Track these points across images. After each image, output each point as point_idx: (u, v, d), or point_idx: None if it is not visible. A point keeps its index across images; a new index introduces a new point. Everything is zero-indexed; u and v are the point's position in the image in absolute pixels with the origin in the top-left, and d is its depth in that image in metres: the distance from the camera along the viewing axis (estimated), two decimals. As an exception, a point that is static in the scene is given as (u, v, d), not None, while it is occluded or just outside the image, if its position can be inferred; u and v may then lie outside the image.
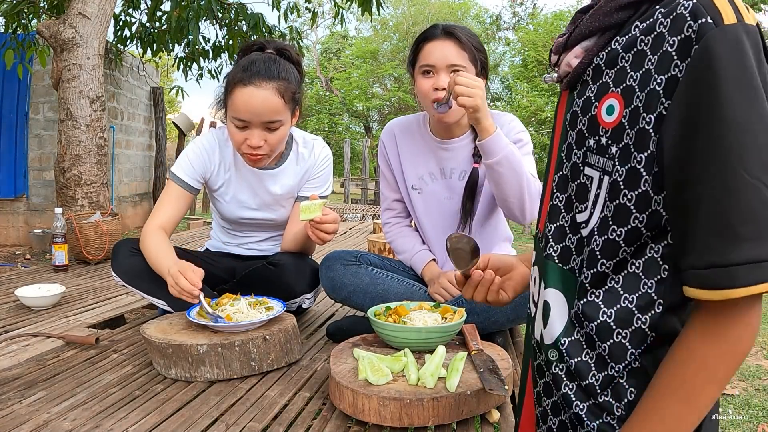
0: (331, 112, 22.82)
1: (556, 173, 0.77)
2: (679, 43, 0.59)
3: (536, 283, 0.80)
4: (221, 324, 1.41)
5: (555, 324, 0.74)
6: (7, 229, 5.30)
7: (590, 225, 0.70)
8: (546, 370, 0.76)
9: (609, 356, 0.68)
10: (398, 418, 1.11)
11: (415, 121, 1.81)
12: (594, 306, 0.69)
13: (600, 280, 0.68)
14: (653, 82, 0.61)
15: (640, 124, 0.62)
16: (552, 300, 0.75)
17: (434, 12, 21.50)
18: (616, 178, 0.65)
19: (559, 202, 0.76)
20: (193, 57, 5.69)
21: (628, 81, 0.64)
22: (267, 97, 1.59)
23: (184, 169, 1.77)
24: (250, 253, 1.99)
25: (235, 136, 1.66)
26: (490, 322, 1.60)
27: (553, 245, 0.76)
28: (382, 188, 1.92)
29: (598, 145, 0.68)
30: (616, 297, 0.67)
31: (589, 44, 0.72)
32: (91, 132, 3.71)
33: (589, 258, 0.69)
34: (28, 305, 2.04)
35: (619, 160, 0.64)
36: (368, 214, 7.37)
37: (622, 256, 0.66)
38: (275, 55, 1.69)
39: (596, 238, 0.68)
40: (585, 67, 0.72)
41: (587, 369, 0.70)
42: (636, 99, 0.63)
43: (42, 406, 1.21)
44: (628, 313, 0.66)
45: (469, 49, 1.57)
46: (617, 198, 0.65)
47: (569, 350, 0.72)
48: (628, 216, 0.64)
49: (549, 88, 16.53)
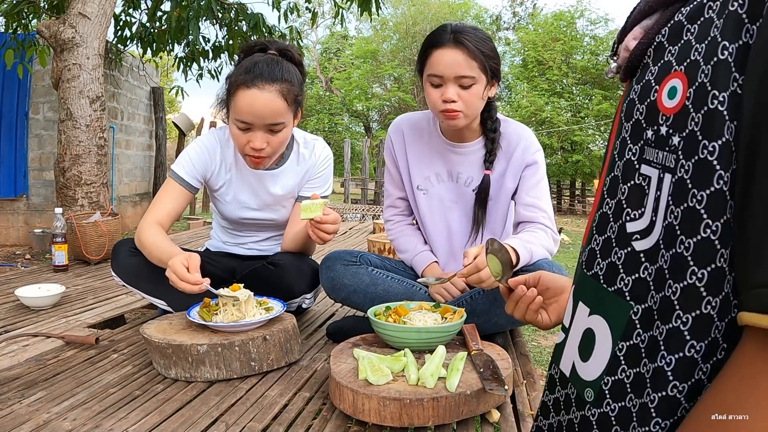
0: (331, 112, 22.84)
1: (608, 175, 0.63)
2: (749, 1, 0.46)
3: (571, 307, 0.67)
4: (221, 324, 1.42)
5: (599, 358, 0.59)
6: (7, 229, 5.30)
7: (649, 236, 0.55)
8: (575, 409, 0.63)
9: (655, 411, 0.52)
10: (398, 418, 1.11)
11: (425, 119, 1.78)
12: (654, 343, 0.52)
13: (667, 310, 0.51)
14: (722, 51, 0.48)
15: (710, 104, 0.48)
16: (597, 328, 0.61)
17: (434, 12, 21.51)
18: (681, 175, 0.51)
19: (608, 210, 0.62)
20: (193, 57, 5.69)
21: (692, 56, 0.51)
22: (270, 100, 1.58)
23: (185, 168, 1.77)
24: (251, 253, 1.99)
25: (238, 138, 1.65)
26: (491, 323, 1.60)
27: (600, 261, 0.62)
28: (386, 185, 1.91)
29: (656, 136, 0.54)
30: (680, 341, 0.50)
31: (649, 23, 0.60)
32: (91, 132, 3.72)
33: (656, 279, 0.53)
34: (28, 305, 2.04)
35: (683, 153, 0.51)
36: (368, 214, 7.37)
37: (691, 280, 0.49)
38: (277, 56, 1.69)
39: (663, 253, 0.52)
40: (645, 48, 0.59)
41: (629, 418, 0.55)
42: (701, 75, 0.50)
43: (42, 406, 1.21)
44: (691, 364, 0.48)
45: (478, 58, 1.50)
46: (685, 201, 0.50)
47: (612, 391, 0.57)
48: (698, 223, 0.49)
49: (549, 88, 16.55)
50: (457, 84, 1.52)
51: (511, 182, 1.70)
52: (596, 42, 16.88)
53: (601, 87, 16.02)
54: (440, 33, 1.54)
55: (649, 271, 0.54)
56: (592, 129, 15.39)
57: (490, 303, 1.58)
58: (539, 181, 1.69)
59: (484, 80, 1.54)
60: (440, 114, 1.58)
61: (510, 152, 1.69)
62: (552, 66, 16.57)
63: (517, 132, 1.70)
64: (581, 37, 17.38)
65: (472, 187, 1.72)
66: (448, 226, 1.76)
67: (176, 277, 1.41)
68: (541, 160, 1.71)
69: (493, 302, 1.58)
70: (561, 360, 0.67)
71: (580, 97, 16.43)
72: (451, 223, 1.76)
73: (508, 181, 1.70)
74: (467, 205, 1.74)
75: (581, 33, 17.55)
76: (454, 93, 1.52)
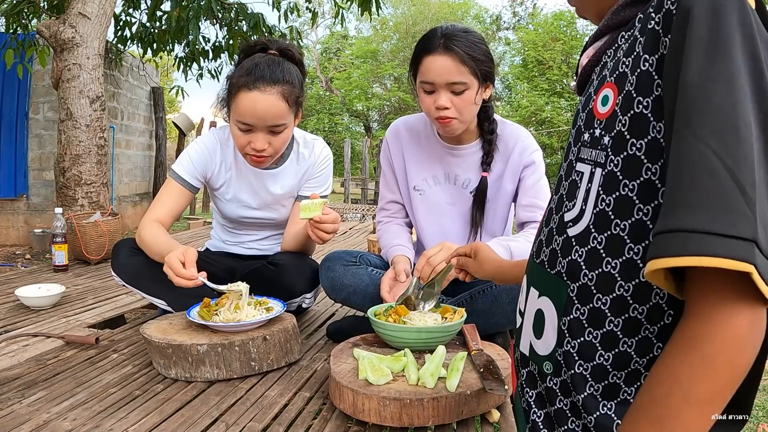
0: (331, 112, 22.83)
1: (557, 175, 0.74)
2: (663, 20, 0.56)
3: (524, 293, 0.77)
4: (221, 324, 1.41)
5: (549, 333, 0.69)
6: (7, 229, 5.30)
7: (579, 223, 0.65)
8: (540, 382, 0.72)
9: (611, 365, 0.63)
10: (398, 418, 1.11)
11: (422, 122, 1.78)
12: (599, 313, 0.63)
13: (606, 283, 0.62)
14: (644, 63, 0.58)
15: (635, 108, 0.58)
16: (545, 308, 0.70)
17: (434, 12, 21.50)
18: (611, 168, 0.60)
19: (553, 204, 0.73)
20: (193, 57, 5.68)
21: (620, 68, 0.61)
22: (272, 102, 1.59)
23: (186, 168, 1.78)
24: (251, 252, 1.99)
25: (239, 139, 1.66)
26: (491, 323, 1.60)
27: (545, 249, 0.72)
28: (381, 187, 1.92)
29: (591, 138, 0.64)
30: (624, 305, 0.61)
31: (599, 44, 0.71)
32: (91, 132, 3.71)
33: (588, 257, 0.64)
34: (28, 305, 2.04)
35: (612, 150, 0.60)
36: (368, 214, 7.37)
37: (629, 255, 0.60)
38: (278, 57, 1.69)
39: (596, 236, 0.63)
40: (593, 65, 0.70)
41: (583, 382, 0.65)
42: (627, 84, 0.59)
43: (42, 406, 1.21)
44: (636, 322, 0.61)
45: (468, 63, 1.49)
46: (617, 190, 0.60)
47: (566, 361, 0.67)
48: (631, 208, 0.59)
49: (549, 88, 16.56)
50: (449, 90, 1.51)
51: (510, 184, 1.70)
52: (596, 42, 16.87)
53: (601, 87, 16.01)
54: (430, 39, 1.53)
55: (579, 253, 0.65)
56: (592, 129, 15.39)
57: (490, 303, 1.58)
58: (537, 181, 1.69)
59: (476, 84, 1.53)
60: (435, 121, 1.58)
61: (507, 154, 1.69)
62: (552, 66, 16.57)
63: (514, 133, 1.70)
64: (581, 36, 17.36)
65: (470, 189, 1.72)
66: (443, 229, 1.76)
67: (172, 272, 1.42)
68: (539, 160, 1.71)
69: (493, 302, 1.58)
70: (520, 342, 0.76)
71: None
72: (446, 226, 1.76)
73: (507, 182, 1.70)
74: (465, 207, 1.74)
75: (581, 33, 17.53)
76: (447, 100, 1.52)
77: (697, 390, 0.48)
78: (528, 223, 1.68)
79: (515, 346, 0.79)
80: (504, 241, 1.59)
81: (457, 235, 1.76)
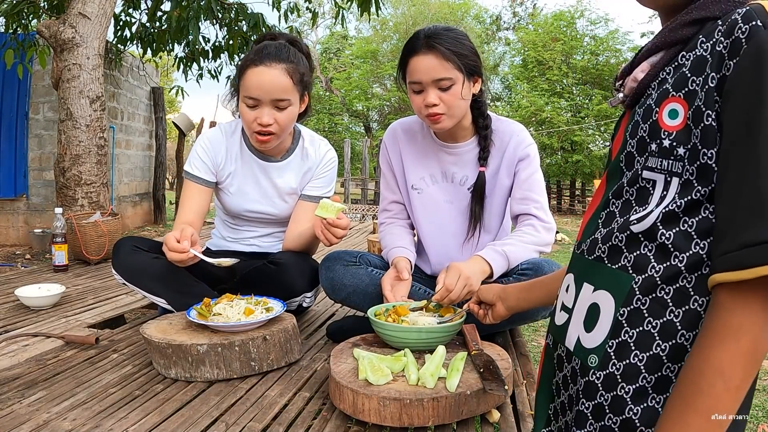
0: (331, 112, 22.84)
1: (613, 182, 0.77)
2: (731, 45, 0.62)
3: (573, 290, 0.80)
4: (221, 324, 1.42)
5: (603, 325, 0.72)
6: (7, 229, 5.30)
7: (646, 220, 0.69)
8: (580, 377, 0.74)
9: (667, 357, 0.66)
10: (398, 418, 1.11)
11: (418, 122, 1.80)
12: (661, 303, 0.67)
13: (671, 277, 0.67)
14: (711, 80, 0.64)
15: (705, 122, 0.64)
16: (601, 301, 0.73)
17: (434, 12, 21.50)
18: (687, 177, 0.66)
19: (615, 209, 0.76)
20: (193, 57, 5.68)
21: (690, 85, 0.67)
22: (276, 75, 1.67)
23: (197, 165, 1.84)
24: (251, 249, 2.00)
25: (246, 115, 1.72)
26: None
27: (601, 246, 0.75)
28: (382, 188, 1.93)
29: (660, 148, 0.69)
30: (686, 297, 0.66)
31: (655, 59, 0.75)
32: (91, 132, 3.72)
33: (657, 253, 0.68)
34: (28, 305, 2.04)
35: (688, 160, 0.66)
36: (368, 214, 7.37)
37: (695, 249, 0.65)
38: (286, 44, 1.76)
39: (664, 233, 0.67)
40: (650, 81, 0.74)
41: (636, 373, 0.68)
42: (697, 99, 0.65)
43: (42, 406, 1.22)
44: (696, 315, 0.65)
45: (451, 59, 1.53)
46: (689, 195, 0.66)
47: (617, 352, 0.69)
48: (698, 207, 0.65)
49: (549, 88, 16.55)
50: (436, 87, 1.55)
51: (506, 178, 1.72)
52: (596, 42, 16.85)
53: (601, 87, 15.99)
54: (414, 41, 1.58)
55: (649, 248, 0.69)
56: (592, 129, 15.38)
57: (490, 303, 1.58)
58: (531, 174, 1.70)
59: (461, 79, 1.56)
60: (425, 119, 1.61)
61: (503, 148, 1.71)
62: (552, 66, 16.55)
63: (509, 128, 1.72)
64: (581, 37, 17.35)
65: (467, 185, 1.73)
66: (442, 227, 1.77)
67: (167, 248, 1.46)
68: (534, 153, 1.73)
69: (493, 302, 1.58)
70: (566, 338, 0.78)
71: (580, 97, 16.40)
72: (445, 223, 1.77)
73: (503, 177, 1.72)
74: (463, 204, 1.75)
75: (581, 33, 17.53)
76: (435, 97, 1.55)
77: (736, 377, 0.56)
78: (521, 215, 1.70)
79: (554, 344, 0.81)
80: (499, 246, 1.60)
81: (455, 233, 1.76)
